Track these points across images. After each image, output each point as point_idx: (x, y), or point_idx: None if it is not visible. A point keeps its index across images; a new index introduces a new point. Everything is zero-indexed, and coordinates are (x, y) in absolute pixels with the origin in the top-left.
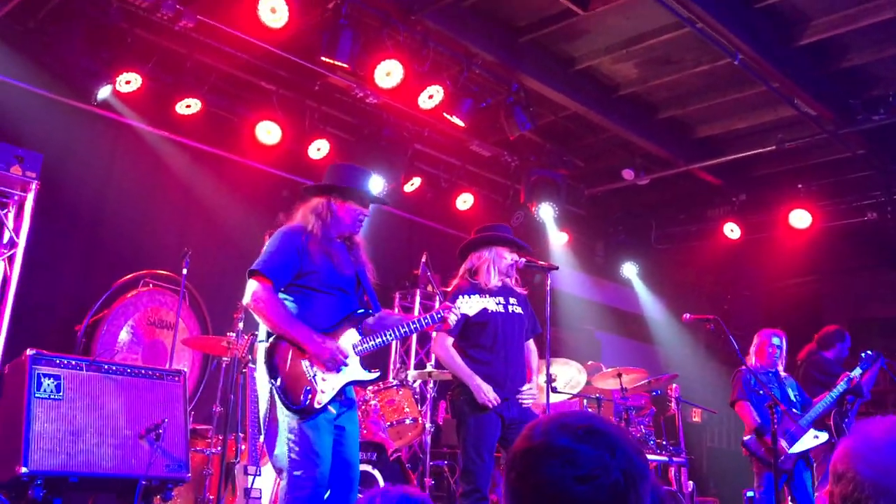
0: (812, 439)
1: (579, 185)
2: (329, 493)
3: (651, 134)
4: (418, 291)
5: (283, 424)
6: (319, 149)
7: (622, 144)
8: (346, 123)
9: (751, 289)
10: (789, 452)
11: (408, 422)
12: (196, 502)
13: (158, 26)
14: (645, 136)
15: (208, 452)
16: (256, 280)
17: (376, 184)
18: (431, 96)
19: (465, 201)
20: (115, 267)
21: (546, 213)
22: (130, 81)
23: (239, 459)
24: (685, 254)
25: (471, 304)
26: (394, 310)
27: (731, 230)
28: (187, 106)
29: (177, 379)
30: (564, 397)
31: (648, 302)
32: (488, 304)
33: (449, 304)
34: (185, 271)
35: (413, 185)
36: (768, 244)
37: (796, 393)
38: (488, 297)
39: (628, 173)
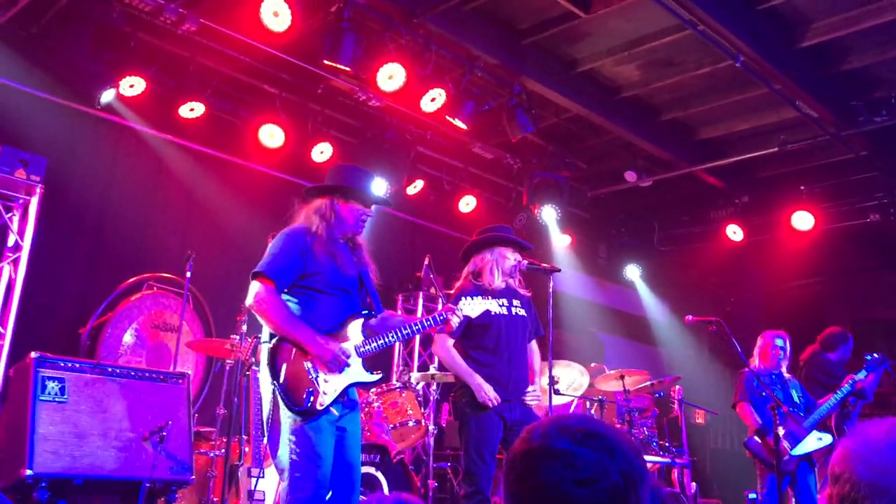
0: (815, 441)
1: (582, 187)
2: (330, 494)
3: (653, 136)
4: (421, 294)
5: (285, 426)
6: (322, 152)
7: (624, 146)
8: (349, 126)
9: (753, 290)
10: (791, 454)
11: (411, 424)
12: None
13: (162, 30)
14: (647, 137)
15: (212, 455)
16: (259, 281)
17: (379, 185)
18: (434, 99)
19: (467, 204)
20: (119, 270)
21: (549, 215)
22: (134, 85)
23: (242, 462)
24: (688, 256)
25: (473, 306)
26: (397, 312)
27: (734, 232)
28: (191, 109)
29: (180, 382)
30: (567, 399)
31: (651, 304)
32: (491, 305)
33: (451, 305)
34: (189, 274)
35: (416, 187)
36: (771, 246)
37: (800, 394)
38: (491, 298)
39: (631, 175)
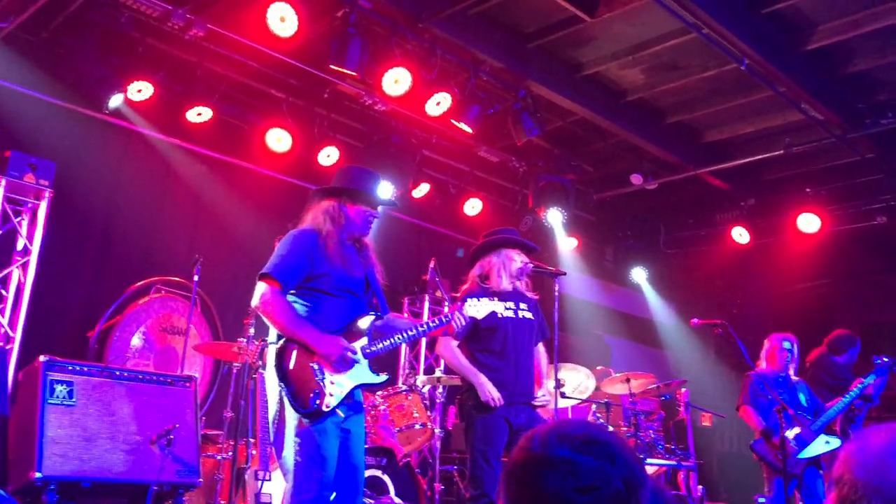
0: (823, 445)
1: (588, 190)
2: (335, 496)
3: (659, 139)
4: (427, 297)
5: (291, 427)
6: (329, 156)
7: (630, 149)
8: (356, 130)
9: (759, 293)
10: (798, 457)
11: (417, 427)
12: None
13: (169, 35)
14: (653, 140)
15: (219, 458)
16: (265, 282)
17: (385, 187)
18: (439, 103)
19: (473, 207)
20: (127, 274)
21: (555, 218)
22: (142, 90)
23: (250, 464)
24: (694, 258)
25: (479, 308)
26: (402, 314)
27: (740, 234)
28: (198, 114)
29: (188, 385)
30: (573, 403)
31: (658, 306)
32: (497, 307)
33: (457, 307)
34: (197, 278)
35: (421, 190)
36: (777, 248)
37: (807, 397)
38: (497, 300)
39: (636, 178)
